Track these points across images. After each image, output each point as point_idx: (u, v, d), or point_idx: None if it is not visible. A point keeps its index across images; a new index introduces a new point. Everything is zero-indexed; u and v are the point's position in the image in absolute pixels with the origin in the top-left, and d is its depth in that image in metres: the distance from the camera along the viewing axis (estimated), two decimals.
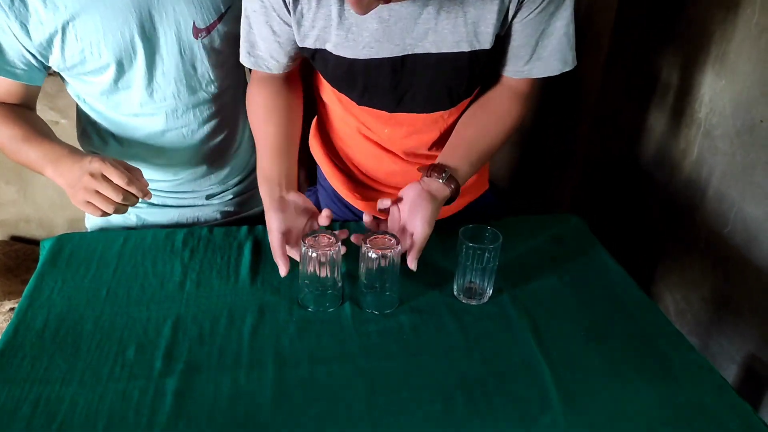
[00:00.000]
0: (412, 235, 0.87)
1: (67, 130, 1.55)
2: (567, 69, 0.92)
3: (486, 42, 0.86)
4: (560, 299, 0.93)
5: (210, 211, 1.17)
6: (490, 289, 0.92)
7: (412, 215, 0.88)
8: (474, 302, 0.92)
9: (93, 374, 0.77)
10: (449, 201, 0.93)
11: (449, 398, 0.75)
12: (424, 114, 0.97)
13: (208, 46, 1.00)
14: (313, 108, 1.10)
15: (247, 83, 1.13)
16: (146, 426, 0.70)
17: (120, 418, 0.71)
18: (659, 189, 1.50)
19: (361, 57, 0.87)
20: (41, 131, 0.95)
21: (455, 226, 0.90)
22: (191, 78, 1.01)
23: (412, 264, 0.86)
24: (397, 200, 0.92)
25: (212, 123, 1.08)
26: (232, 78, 1.08)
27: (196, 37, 0.98)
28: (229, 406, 0.73)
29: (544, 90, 1.68)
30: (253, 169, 1.20)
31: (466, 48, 0.86)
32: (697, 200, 1.38)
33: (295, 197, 0.92)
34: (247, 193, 1.21)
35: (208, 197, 1.16)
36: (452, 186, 0.91)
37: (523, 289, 0.95)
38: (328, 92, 1.02)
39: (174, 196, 1.14)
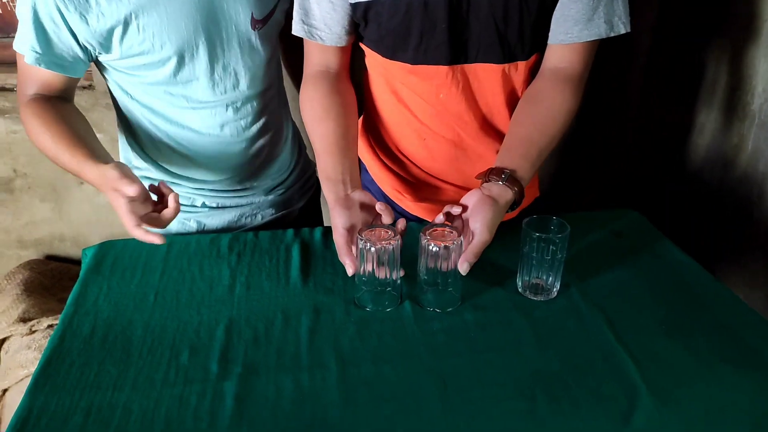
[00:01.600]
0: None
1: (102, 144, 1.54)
2: (622, 32, 0.89)
3: None
4: (632, 293, 0.88)
5: (266, 206, 1.15)
6: (557, 283, 0.87)
7: (473, 221, 0.83)
8: (541, 298, 0.87)
9: (146, 380, 0.73)
10: (513, 206, 0.88)
11: (529, 397, 0.69)
12: (479, 66, 0.92)
13: (264, 37, 1.00)
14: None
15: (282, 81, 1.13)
16: (207, 430, 0.66)
17: (178, 423, 0.67)
18: (711, 188, 1.44)
19: None
20: (78, 132, 0.92)
21: (508, 231, 0.85)
22: (249, 70, 1.00)
23: (462, 266, 0.81)
24: (455, 209, 0.87)
25: (264, 117, 1.07)
26: (278, 72, 1.08)
27: (254, 29, 0.98)
28: (293, 408, 0.68)
29: (584, 96, 1.65)
30: (296, 165, 1.18)
31: None
32: (755, 196, 1.32)
33: (360, 195, 0.88)
34: (294, 186, 1.20)
35: (266, 192, 1.14)
36: (515, 188, 0.86)
37: (592, 283, 0.89)
38: (375, 79, 0.99)
39: (234, 195, 1.11)
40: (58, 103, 0.94)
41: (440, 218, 0.85)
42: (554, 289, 0.87)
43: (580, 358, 0.75)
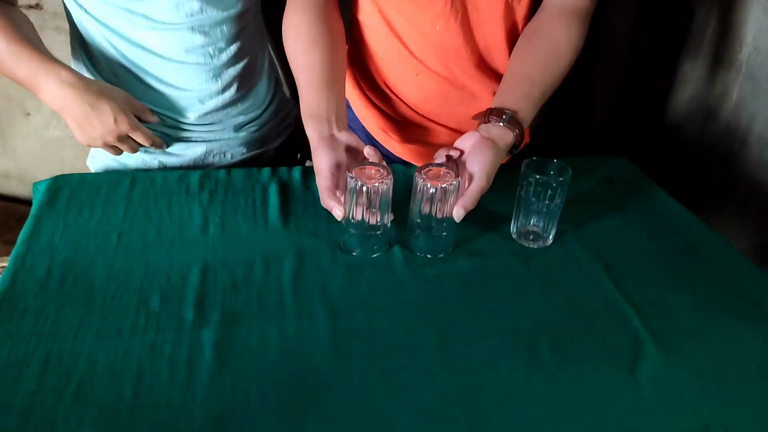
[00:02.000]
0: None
1: None
2: None
3: None
4: (629, 241, 0.84)
5: (237, 144, 1.05)
6: (553, 230, 0.82)
7: (471, 165, 0.77)
8: (536, 245, 0.82)
9: (112, 327, 0.65)
10: (512, 150, 0.82)
11: (532, 347, 0.66)
12: None
13: None
14: None
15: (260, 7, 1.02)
16: (185, 382, 0.59)
17: (153, 374, 0.60)
18: (690, 140, 1.42)
19: None
20: (30, 39, 0.82)
21: (499, 176, 0.79)
22: None
23: (457, 213, 0.75)
24: (453, 151, 0.80)
25: (236, 45, 0.96)
26: None
27: None
28: (280, 360, 0.62)
29: None
30: (272, 101, 1.08)
31: None
32: (737, 149, 1.30)
33: (346, 136, 0.80)
34: (269, 124, 1.09)
35: (236, 128, 1.04)
36: (516, 130, 0.80)
37: (587, 230, 0.86)
38: (365, 7, 0.90)
39: (202, 129, 1.01)
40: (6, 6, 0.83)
41: (440, 156, 0.79)
42: (550, 236, 0.83)
43: (582, 307, 0.72)
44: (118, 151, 0.90)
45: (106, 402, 0.57)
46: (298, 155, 1.23)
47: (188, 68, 0.94)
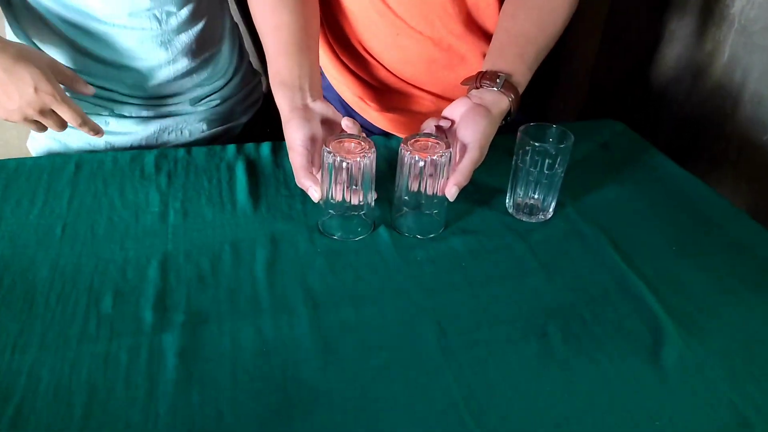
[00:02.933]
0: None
1: None
2: None
3: None
4: (633, 210, 0.78)
5: (195, 120, 0.94)
6: (553, 202, 0.75)
7: (462, 135, 0.69)
8: (535, 220, 0.75)
9: (58, 336, 0.56)
10: (507, 117, 0.74)
11: (542, 334, 0.58)
12: None
13: None
14: None
15: None
16: (146, 397, 0.50)
17: (106, 390, 0.51)
18: (679, 100, 1.36)
19: None
20: None
21: (490, 147, 0.71)
22: None
23: (449, 191, 0.67)
24: (444, 121, 0.72)
25: (189, 7, 0.84)
26: None
27: None
28: (255, 364, 0.54)
29: None
30: (236, 72, 0.97)
31: None
32: (728, 108, 1.24)
33: (322, 107, 0.71)
34: (233, 98, 0.98)
35: (193, 102, 0.93)
36: (511, 95, 0.72)
37: (588, 201, 0.78)
38: None
39: (153, 103, 0.89)
40: None
41: (429, 126, 0.70)
42: (550, 209, 0.75)
43: (592, 287, 0.64)
44: (42, 127, 0.76)
45: (52, 426, 0.48)
46: (268, 129, 1.12)
47: (133, 34, 0.82)
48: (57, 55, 0.81)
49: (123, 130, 0.89)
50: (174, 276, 0.63)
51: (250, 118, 1.02)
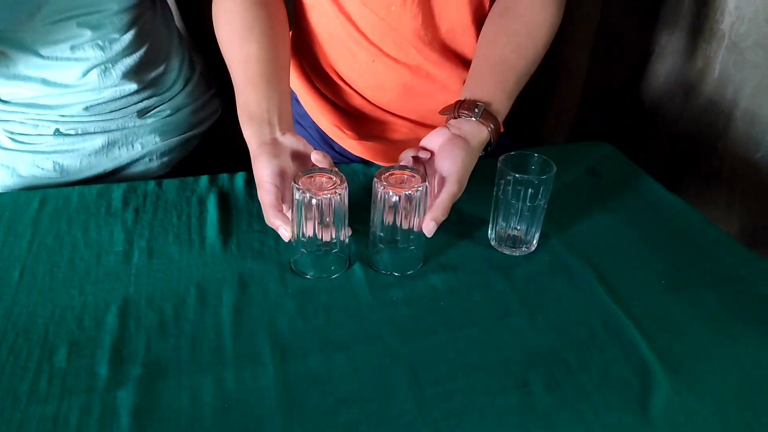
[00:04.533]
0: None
1: None
2: None
3: None
4: (621, 241, 0.74)
5: (145, 132, 0.90)
6: (537, 234, 0.72)
7: (440, 167, 0.66)
8: (518, 252, 0.72)
9: (7, 393, 0.52)
10: (487, 147, 0.71)
11: (523, 384, 0.55)
12: None
13: None
14: None
15: None
16: None
17: None
18: (670, 118, 1.33)
19: None
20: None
21: (471, 175, 0.68)
22: None
23: (427, 227, 0.64)
24: (423, 153, 0.69)
25: (133, 30, 0.82)
26: None
27: None
28: (215, 422, 0.50)
29: None
30: (186, 84, 0.94)
31: None
32: (720, 125, 1.21)
33: (291, 140, 0.68)
34: (186, 108, 0.95)
35: (140, 114, 0.89)
36: (490, 125, 0.69)
37: (574, 231, 0.75)
38: None
39: (97, 119, 0.86)
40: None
41: (407, 157, 0.67)
42: (534, 241, 0.72)
43: (577, 328, 0.61)
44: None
45: None
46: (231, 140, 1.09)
47: (76, 64, 0.80)
48: None
49: (68, 147, 0.86)
50: (134, 323, 0.59)
51: (209, 127, 0.99)
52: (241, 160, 0.74)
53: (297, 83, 0.88)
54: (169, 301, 0.62)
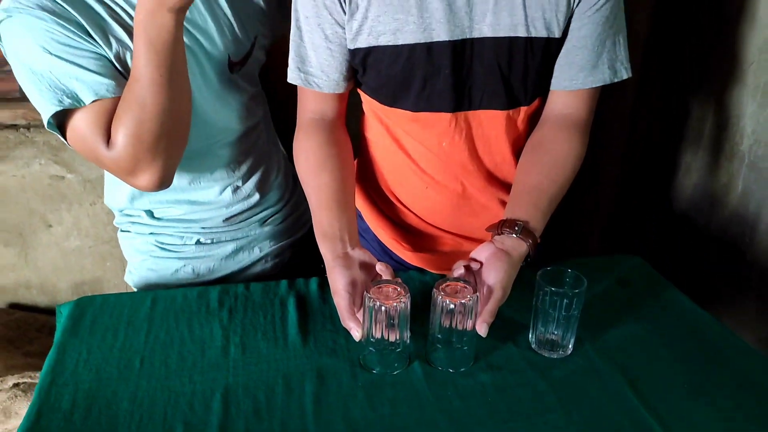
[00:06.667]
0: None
1: (72, 185, 1.45)
2: (624, 77, 0.88)
3: (542, 29, 0.82)
4: (648, 348, 0.84)
5: (264, 238, 1.10)
6: (572, 339, 0.83)
7: (487, 277, 0.79)
8: (555, 355, 0.82)
9: None
10: (526, 259, 0.84)
11: None
12: (483, 112, 0.89)
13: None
14: None
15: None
16: None
17: None
18: (699, 229, 1.44)
19: (422, 41, 0.81)
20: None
21: (513, 285, 0.81)
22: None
23: (481, 328, 0.76)
24: (474, 264, 0.82)
25: (252, 156, 1.05)
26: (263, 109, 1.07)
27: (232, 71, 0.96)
28: None
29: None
30: (291, 197, 1.14)
31: (522, 33, 0.82)
32: (746, 236, 1.31)
33: (360, 253, 0.83)
34: (291, 216, 1.15)
35: (261, 222, 1.09)
36: (529, 240, 0.82)
37: (605, 338, 0.86)
38: (373, 125, 0.95)
39: (230, 229, 1.06)
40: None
41: (459, 268, 0.81)
42: (569, 345, 0.83)
43: (608, 424, 0.71)
44: None
45: None
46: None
47: (213, 184, 1.01)
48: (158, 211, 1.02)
49: (205, 254, 1.05)
50: (234, 408, 0.72)
51: (308, 231, 1.17)
52: None
53: (361, 203, 1.04)
54: (261, 390, 0.75)
